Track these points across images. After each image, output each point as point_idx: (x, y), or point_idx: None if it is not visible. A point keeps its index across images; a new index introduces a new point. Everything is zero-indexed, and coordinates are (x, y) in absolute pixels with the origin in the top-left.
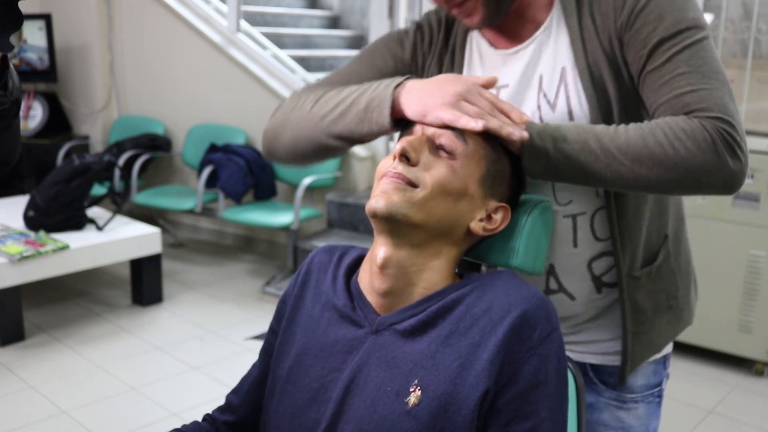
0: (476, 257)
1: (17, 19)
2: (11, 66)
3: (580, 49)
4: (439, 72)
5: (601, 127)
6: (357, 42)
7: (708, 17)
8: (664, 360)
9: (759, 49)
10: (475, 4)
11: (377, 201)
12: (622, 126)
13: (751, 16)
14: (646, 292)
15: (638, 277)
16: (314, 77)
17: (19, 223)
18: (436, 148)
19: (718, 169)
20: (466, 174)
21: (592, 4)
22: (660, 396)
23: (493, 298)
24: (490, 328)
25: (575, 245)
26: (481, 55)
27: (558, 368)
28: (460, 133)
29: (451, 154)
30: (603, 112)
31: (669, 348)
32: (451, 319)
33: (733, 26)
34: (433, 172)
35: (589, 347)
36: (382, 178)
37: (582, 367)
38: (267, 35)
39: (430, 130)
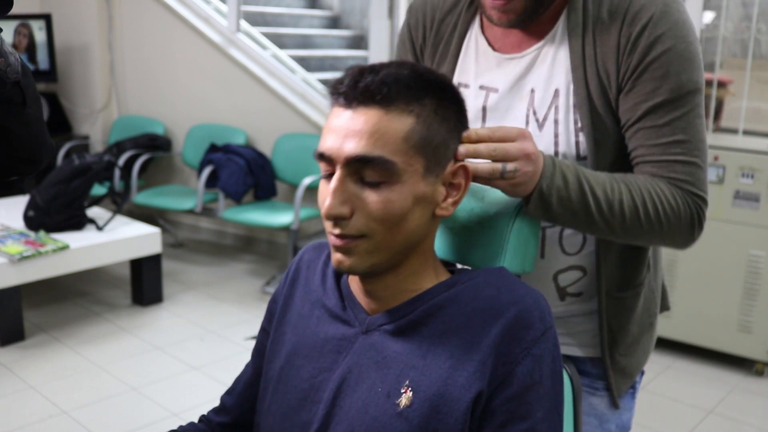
0: (464, 261)
1: (6, 4)
2: (6, 48)
3: (581, 78)
4: (432, 63)
5: (600, 188)
6: (357, 42)
7: (708, 16)
8: None
9: (759, 49)
10: (519, 2)
11: (340, 263)
12: (619, 186)
13: (751, 16)
14: (631, 314)
15: (622, 299)
16: (314, 77)
17: (19, 223)
18: (362, 181)
19: (686, 240)
20: (407, 187)
21: (595, 33)
22: (634, 388)
23: (485, 297)
24: (483, 329)
25: (542, 256)
26: (478, 52)
27: (553, 368)
28: (382, 156)
29: (383, 183)
30: (596, 145)
31: None
32: (442, 318)
33: (733, 26)
34: (371, 211)
35: (564, 341)
36: (330, 238)
37: None
38: (267, 35)
39: (345, 167)
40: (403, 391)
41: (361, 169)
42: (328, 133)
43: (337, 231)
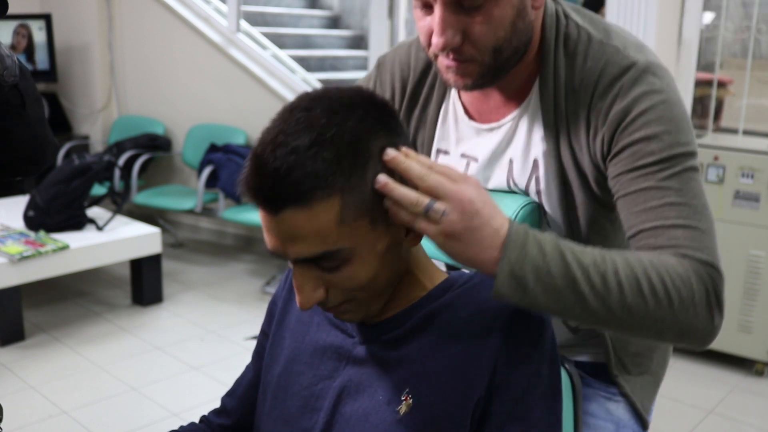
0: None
1: (2, 6)
2: (2, 51)
3: (554, 150)
4: (408, 127)
5: (588, 257)
6: (357, 42)
7: (708, 16)
8: None
9: (759, 49)
10: (474, 67)
11: (337, 318)
12: (611, 256)
13: (751, 16)
14: (630, 343)
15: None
16: (314, 77)
17: (19, 223)
18: (322, 267)
19: (705, 326)
20: (366, 254)
21: (567, 103)
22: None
23: (481, 300)
24: (480, 332)
25: None
26: (456, 119)
27: (550, 368)
28: (326, 251)
29: (341, 264)
30: (569, 219)
31: None
32: (439, 324)
33: (733, 26)
34: (343, 287)
35: (576, 350)
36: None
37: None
38: (267, 35)
39: (298, 264)
40: (403, 398)
41: (314, 260)
42: (265, 232)
43: (322, 307)
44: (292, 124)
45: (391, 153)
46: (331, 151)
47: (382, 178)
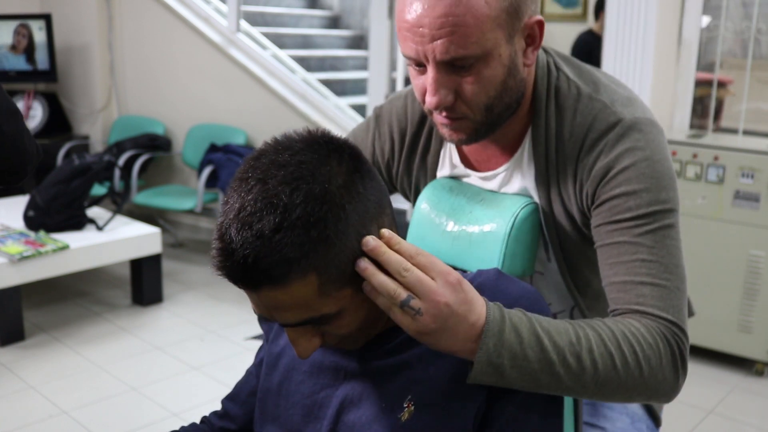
0: (464, 265)
1: None
2: None
3: (546, 197)
4: (409, 176)
5: (564, 338)
6: (357, 42)
7: (706, 20)
8: None
9: (759, 49)
10: (467, 123)
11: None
12: (585, 333)
13: (751, 16)
14: None
15: None
16: (314, 77)
17: (19, 223)
18: (314, 324)
19: (671, 385)
20: (352, 312)
21: (558, 153)
22: None
23: None
24: None
25: None
26: (453, 165)
27: None
28: (311, 317)
29: (332, 321)
30: (564, 257)
31: None
32: None
33: (733, 26)
34: (336, 334)
35: None
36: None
37: None
38: (267, 35)
39: (290, 327)
40: (405, 405)
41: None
42: (250, 300)
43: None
44: (251, 201)
45: (371, 243)
46: (299, 235)
47: (363, 264)
